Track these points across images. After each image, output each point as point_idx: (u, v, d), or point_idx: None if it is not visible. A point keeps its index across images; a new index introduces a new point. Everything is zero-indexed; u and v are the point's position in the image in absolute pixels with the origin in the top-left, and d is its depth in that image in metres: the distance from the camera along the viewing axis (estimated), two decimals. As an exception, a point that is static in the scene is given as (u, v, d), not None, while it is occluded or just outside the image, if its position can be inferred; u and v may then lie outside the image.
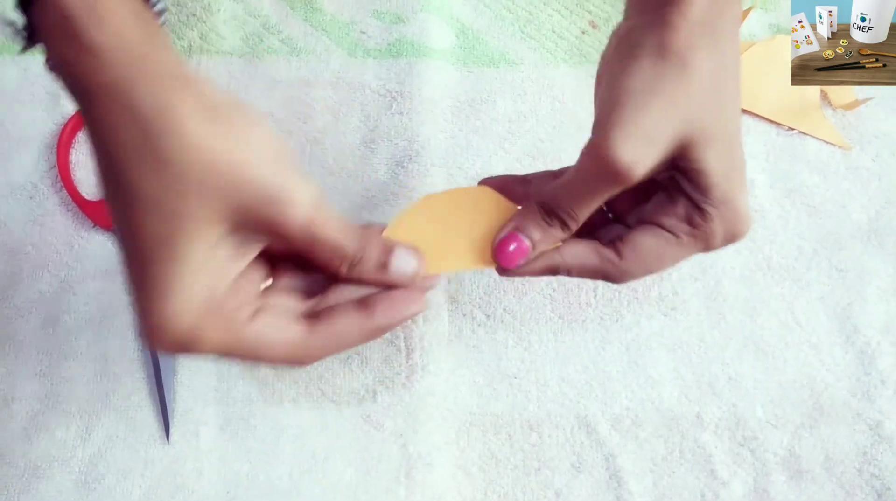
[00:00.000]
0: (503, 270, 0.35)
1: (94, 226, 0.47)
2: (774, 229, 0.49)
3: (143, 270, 0.27)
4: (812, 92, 0.52)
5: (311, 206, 0.29)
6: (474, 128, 0.51)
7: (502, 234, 0.34)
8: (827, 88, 0.53)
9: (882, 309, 0.47)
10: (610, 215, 0.37)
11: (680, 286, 0.47)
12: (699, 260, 0.48)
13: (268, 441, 0.43)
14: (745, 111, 0.52)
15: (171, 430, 0.43)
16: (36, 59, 0.52)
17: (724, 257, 0.48)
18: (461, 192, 0.36)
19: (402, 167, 0.49)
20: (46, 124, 0.50)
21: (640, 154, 0.30)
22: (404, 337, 0.45)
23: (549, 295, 0.47)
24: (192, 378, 0.44)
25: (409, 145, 0.50)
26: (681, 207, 0.33)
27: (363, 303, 0.32)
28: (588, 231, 0.35)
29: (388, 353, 0.45)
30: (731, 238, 0.33)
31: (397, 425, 0.43)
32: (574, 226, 0.34)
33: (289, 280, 0.33)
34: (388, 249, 0.33)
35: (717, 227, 0.33)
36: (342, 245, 0.31)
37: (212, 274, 0.28)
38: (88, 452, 0.42)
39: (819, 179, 0.50)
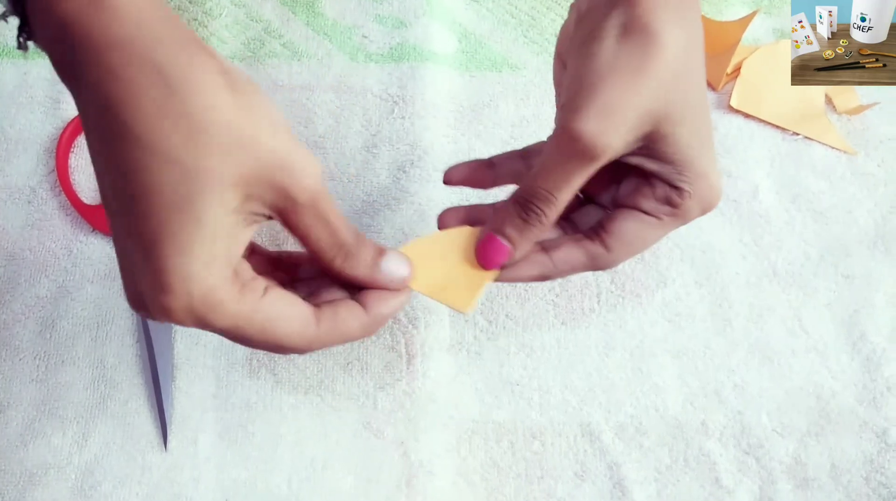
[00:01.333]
0: (502, 275, 0.35)
1: (92, 231, 0.47)
2: (780, 235, 0.48)
3: (160, 229, 0.26)
4: (817, 97, 0.52)
5: (319, 179, 0.29)
6: (477, 133, 0.51)
7: (481, 237, 0.34)
8: (831, 94, 0.52)
9: (889, 316, 0.46)
10: (581, 197, 0.36)
11: (684, 292, 0.46)
12: (704, 265, 0.47)
13: (266, 448, 0.42)
14: (749, 116, 0.52)
15: (169, 437, 0.42)
16: (36, 62, 0.52)
17: (729, 263, 0.47)
18: (451, 233, 0.36)
19: (405, 172, 0.49)
20: (45, 128, 0.49)
21: (607, 129, 0.30)
22: (405, 343, 0.45)
23: (552, 300, 0.46)
24: (191, 384, 0.43)
25: (411, 150, 0.50)
26: (658, 188, 0.33)
27: (356, 299, 0.32)
28: (563, 216, 0.35)
29: (389, 359, 0.44)
30: (705, 211, 0.34)
31: (398, 432, 0.43)
32: (553, 216, 0.33)
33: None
34: (380, 251, 0.33)
35: (695, 203, 0.33)
36: (342, 230, 0.31)
37: (229, 239, 0.27)
38: (85, 459, 0.42)
39: (825, 185, 0.50)
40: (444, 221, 0.37)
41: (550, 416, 0.44)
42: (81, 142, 0.49)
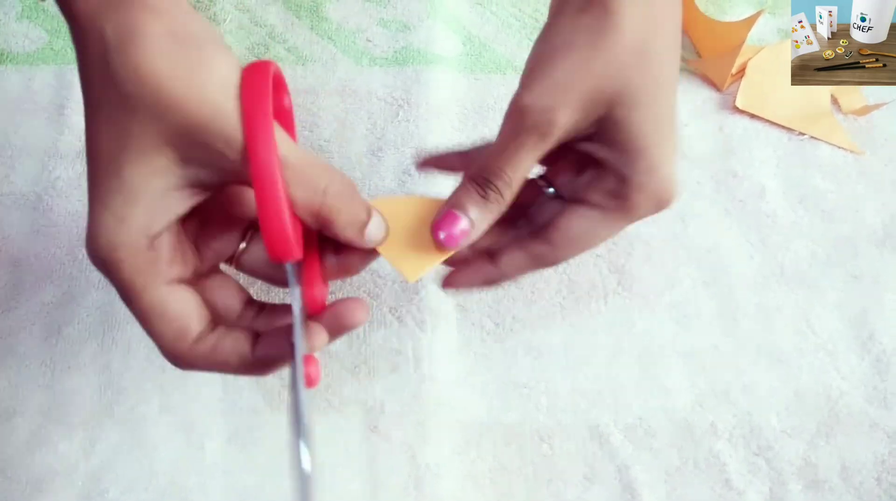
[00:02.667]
0: (446, 281, 0.35)
1: (98, 236, 0.47)
2: (787, 235, 0.48)
3: (92, 182, 0.28)
4: (822, 96, 0.52)
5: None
6: (482, 136, 0.51)
7: (439, 216, 0.33)
8: (837, 94, 0.52)
9: (898, 316, 0.46)
10: (552, 191, 0.35)
11: (692, 293, 0.46)
12: (711, 266, 0.47)
13: (274, 452, 0.42)
14: (754, 116, 0.51)
15: (177, 442, 0.42)
16: (40, 68, 0.51)
17: (736, 263, 0.47)
18: (419, 201, 0.35)
19: (409, 175, 0.49)
20: (49, 134, 0.49)
21: (556, 104, 0.29)
22: (412, 346, 0.44)
23: (559, 302, 0.46)
24: (198, 389, 0.43)
25: (416, 153, 0.50)
26: (609, 180, 0.32)
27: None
28: (522, 208, 0.35)
29: (397, 362, 0.44)
30: (657, 208, 0.32)
31: (406, 435, 0.42)
32: (510, 193, 0.32)
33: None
34: (371, 210, 0.32)
35: (643, 198, 0.32)
36: (316, 176, 0.29)
37: (152, 201, 0.28)
38: (92, 465, 0.42)
39: (832, 184, 0.49)
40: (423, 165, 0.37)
41: (559, 418, 0.43)
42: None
